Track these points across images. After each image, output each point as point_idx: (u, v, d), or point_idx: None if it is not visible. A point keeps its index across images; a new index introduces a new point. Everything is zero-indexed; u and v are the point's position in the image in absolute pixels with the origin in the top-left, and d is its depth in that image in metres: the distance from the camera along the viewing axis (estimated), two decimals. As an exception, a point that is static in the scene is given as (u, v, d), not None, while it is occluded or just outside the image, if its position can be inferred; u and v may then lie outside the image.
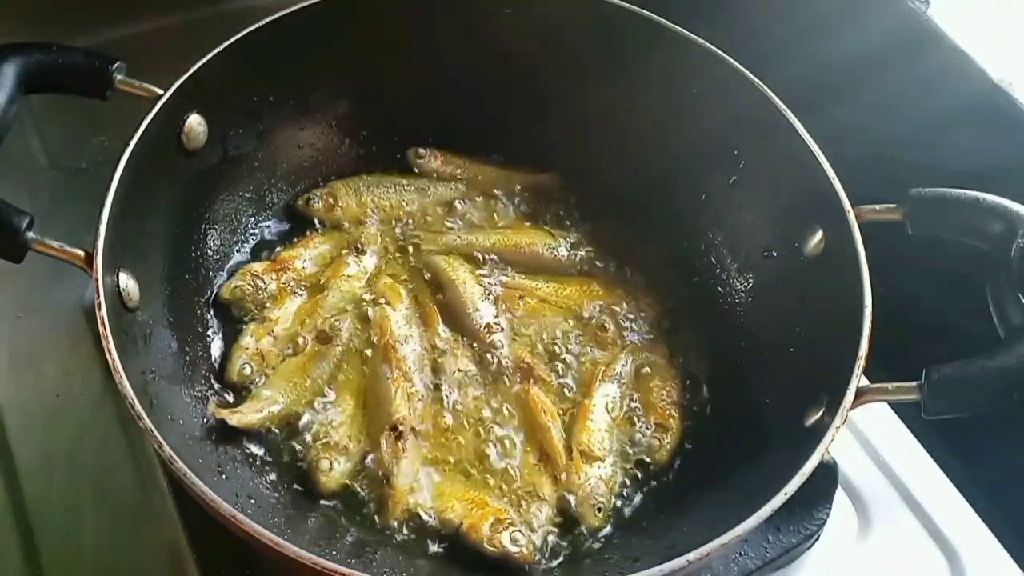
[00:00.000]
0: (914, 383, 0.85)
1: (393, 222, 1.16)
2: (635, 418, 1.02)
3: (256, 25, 1.02)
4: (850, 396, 0.84)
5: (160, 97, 0.95)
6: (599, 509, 0.95)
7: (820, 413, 0.86)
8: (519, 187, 1.20)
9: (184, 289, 1.03)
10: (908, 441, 1.10)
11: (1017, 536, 1.04)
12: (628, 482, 0.99)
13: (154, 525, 0.99)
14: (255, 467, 0.95)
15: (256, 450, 0.96)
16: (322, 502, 0.94)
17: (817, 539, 1.00)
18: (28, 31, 0.97)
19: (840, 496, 1.04)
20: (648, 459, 1.00)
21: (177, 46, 1.02)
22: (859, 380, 0.85)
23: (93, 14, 1.32)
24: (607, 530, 0.95)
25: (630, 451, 1.01)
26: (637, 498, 0.98)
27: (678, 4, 1.09)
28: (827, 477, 1.01)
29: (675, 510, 0.95)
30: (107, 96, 0.96)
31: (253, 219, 1.13)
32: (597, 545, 0.94)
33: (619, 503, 0.97)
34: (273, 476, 0.95)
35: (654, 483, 0.99)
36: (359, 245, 1.12)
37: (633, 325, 1.09)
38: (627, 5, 1.09)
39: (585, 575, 0.92)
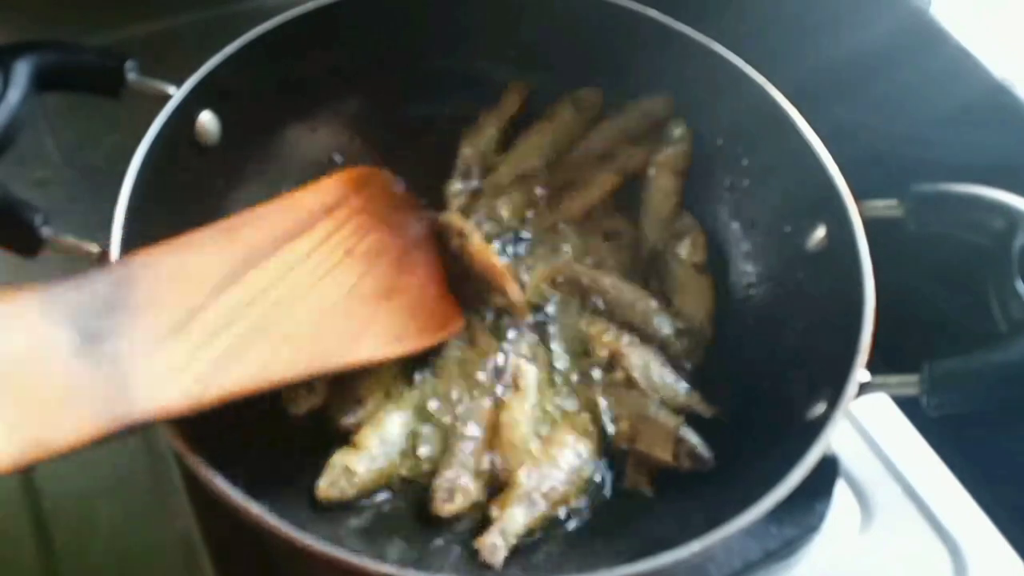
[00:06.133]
0: (915, 377, 0.86)
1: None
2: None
3: (269, 24, 1.03)
4: (852, 390, 0.85)
5: (173, 96, 0.96)
6: None
7: (822, 406, 0.87)
8: None
9: (197, 285, 1.04)
10: (910, 434, 1.11)
11: (1020, 529, 1.05)
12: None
13: (168, 517, 1.01)
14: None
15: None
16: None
17: (819, 531, 1.01)
18: (40, 30, 0.97)
19: (842, 488, 1.05)
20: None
21: (189, 45, 1.03)
22: (861, 374, 0.85)
23: (105, 13, 1.33)
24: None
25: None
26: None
27: (682, 3, 1.10)
28: (828, 470, 1.02)
29: (677, 501, 0.95)
30: (120, 95, 0.97)
31: (266, 217, 1.14)
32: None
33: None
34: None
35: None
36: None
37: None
38: (632, 5, 1.10)
39: (588, 558, 0.91)
